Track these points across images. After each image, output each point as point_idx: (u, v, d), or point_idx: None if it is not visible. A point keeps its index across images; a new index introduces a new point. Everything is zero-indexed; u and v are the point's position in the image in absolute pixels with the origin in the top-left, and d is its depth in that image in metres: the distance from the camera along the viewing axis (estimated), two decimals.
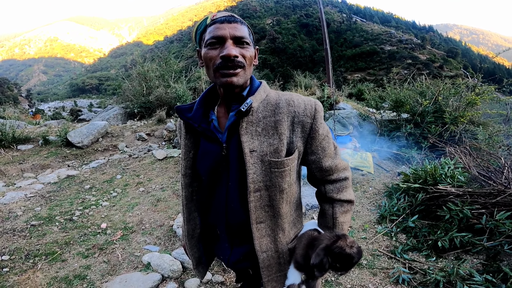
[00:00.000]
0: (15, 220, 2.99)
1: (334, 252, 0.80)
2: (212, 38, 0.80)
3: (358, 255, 0.81)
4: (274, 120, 0.84)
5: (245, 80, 0.84)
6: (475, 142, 4.27)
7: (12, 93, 56.37)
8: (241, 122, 0.83)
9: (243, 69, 0.81)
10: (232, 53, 0.77)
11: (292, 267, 0.95)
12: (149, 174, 4.40)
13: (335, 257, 0.80)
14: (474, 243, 2.20)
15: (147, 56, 11.83)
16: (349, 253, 0.79)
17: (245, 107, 0.81)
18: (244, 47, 0.81)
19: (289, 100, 0.86)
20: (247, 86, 0.88)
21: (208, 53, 0.81)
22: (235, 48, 0.79)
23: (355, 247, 0.81)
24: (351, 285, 2.00)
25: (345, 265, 0.80)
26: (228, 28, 0.79)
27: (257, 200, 0.86)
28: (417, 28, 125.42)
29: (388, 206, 2.92)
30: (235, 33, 0.79)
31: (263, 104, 0.86)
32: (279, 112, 0.84)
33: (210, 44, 0.80)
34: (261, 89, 0.88)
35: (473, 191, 2.57)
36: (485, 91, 4.80)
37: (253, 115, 0.84)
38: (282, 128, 0.83)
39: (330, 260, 0.80)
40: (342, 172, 0.96)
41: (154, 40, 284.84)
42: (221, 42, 0.79)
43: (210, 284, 2.08)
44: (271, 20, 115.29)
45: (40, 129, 6.82)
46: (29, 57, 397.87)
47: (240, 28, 0.80)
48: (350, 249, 0.80)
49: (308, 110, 0.85)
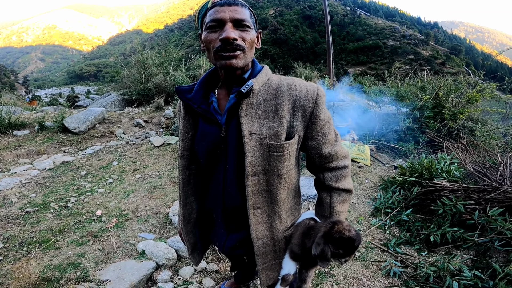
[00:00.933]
0: (10, 207, 2.98)
1: (334, 238, 0.79)
2: (211, 21, 0.79)
3: (358, 238, 0.80)
4: (275, 103, 0.83)
5: (245, 62, 0.82)
6: (472, 138, 4.28)
7: (8, 80, 55.77)
8: (241, 104, 0.82)
9: (243, 52, 0.80)
10: (231, 35, 0.76)
11: (287, 257, 0.95)
12: (146, 161, 4.39)
13: (336, 243, 0.79)
14: (465, 239, 2.21)
15: (147, 44, 11.70)
16: (350, 236, 0.78)
17: (245, 88, 0.80)
18: (244, 30, 0.80)
19: (291, 84, 0.85)
20: (249, 69, 0.87)
21: (208, 36, 0.80)
22: (234, 31, 0.78)
23: (353, 229, 0.80)
24: (344, 276, 2.02)
25: (348, 250, 0.79)
26: (228, 11, 0.78)
27: (254, 185, 0.85)
28: (422, 24, 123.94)
29: (383, 199, 2.93)
30: (235, 15, 0.78)
31: (264, 87, 0.85)
32: (280, 96, 0.83)
33: (210, 27, 0.79)
34: (263, 72, 0.87)
35: (467, 187, 2.58)
36: (485, 89, 4.78)
37: (254, 97, 0.83)
38: (283, 111, 0.82)
39: (331, 247, 0.79)
40: (342, 160, 0.95)
41: (154, 28, 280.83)
42: (221, 25, 0.78)
43: (204, 273, 2.09)
44: (273, 11, 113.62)
45: (36, 115, 6.75)
46: (27, 45, 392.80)
47: (240, 11, 0.79)
48: (349, 232, 0.79)
49: (310, 94, 0.84)
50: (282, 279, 0.95)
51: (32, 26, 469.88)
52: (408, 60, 60.91)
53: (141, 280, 1.94)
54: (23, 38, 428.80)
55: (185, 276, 2.03)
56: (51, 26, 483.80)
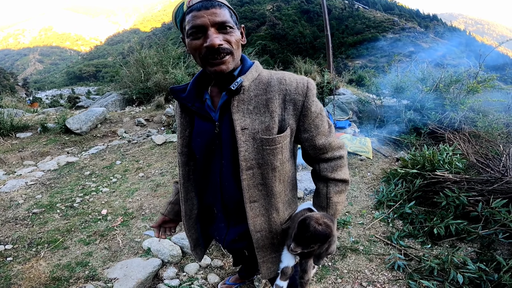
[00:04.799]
0: (17, 209, 3.02)
1: (304, 223, 0.80)
2: (192, 28, 0.77)
3: (322, 233, 0.79)
4: (266, 98, 0.84)
5: (235, 64, 0.83)
6: (474, 129, 4.27)
7: (8, 83, 55.77)
8: (233, 101, 0.83)
9: (231, 55, 0.80)
10: (216, 42, 0.75)
11: (285, 250, 0.96)
12: (149, 160, 4.41)
13: (302, 229, 0.80)
14: (469, 231, 2.21)
15: (145, 43, 11.66)
16: (310, 225, 0.79)
17: (235, 85, 0.81)
18: (227, 32, 0.79)
19: (280, 79, 0.85)
20: (239, 66, 0.87)
21: (191, 44, 0.79)
22: (218, 35, 0.76)
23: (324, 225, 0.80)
24: (347, 270, 2.04)
25: (308, 240, 0.80)
26: (207, 15, 0.75)
27: (249, 178, 0.87)
28: (420, 16, 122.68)
29: (386, 191, 2.94)
30: (215, 19, 0.76)
31: (255, 83, 0.86)
32: (271, 91, 0.84)
33: (191, 34, 0.78)
34: (253, 68, 0.87)
35: (470, 178, 2.58)
36: (486, 79, 4.76)
37: (245, 93, 0.84)
38: (273, 105, 0.83)
39: (296, 231, 0.82)
40: (336, 151, 0.96)
41: (151, 26, 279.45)
42: (202, 31, 0.77)
43: (209, 268, 2.12)
44: (271, 6, 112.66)
45: (38, 117, 6.77)
46: (24, 47, 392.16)
47: (219, 13, 0.77)
48: (317, 225, 0.79)
49: (300, 88, 0.85)
50: (282, 272, 0.96)
51: (28, 28, 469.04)
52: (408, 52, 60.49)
53: (148, 277, 1.96)
54: (20, 40, 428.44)
55: (191, 273, 2.06)
56: (48, 28, 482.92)
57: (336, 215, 0.99)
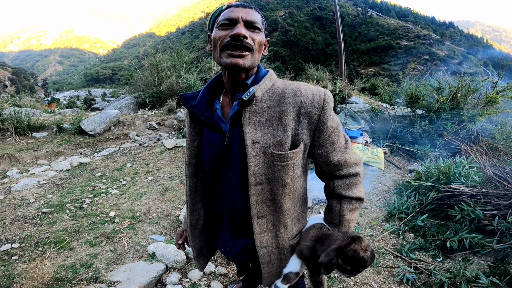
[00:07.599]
0: (27, 207, 3.08)
1: (347, 254, 0.77)
2: (224, 20, 0.79)
3: (371, 259, 0.78)
4: (279, 110, 0.80)
5: (252, 64, 0.80)
6: (492, 141, 4.11)
7: (28, 83, 58.00)
8: (244, 112, 0.80)
9: (251, 53, 0.79)
10: (242, 32, 0.76)
11: (294, 256, 0.93)
12: (158, 163, 4.45)
13: (347, 259, 0.78)
14: (483, 245, 2.13)
15: (159, 47, 11.87)
16: (363, 257, 0.77)
17: (247, 96, 0.78)
18: (255, 32, 0.80)
19: (295, 90, 0.81)
20: (253, 74, 0.85)
21: (217, 33, 0.80)
22: (246, 30, 0.78)
23: (369, 251, 0.78)
24: (354, 282, 1.98)
25: (356, 268, 0.78)
26: (242, 12, 0.78)
27: (258, 194, 0.83)
28: (436, 23, 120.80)
29: (398, 203, 2.85)
30: (247, 17, 0.78)
31: (268, 93, 0.82)
32: (285, 102, 0.80)
33: (222, 25, 0.80)
34: (266, 78, 0.84)
35: (487, 192, 2.48)
36: (505, 89, 4.59)
37: (257, 104, 0.80)
38: (287, 119, 0.79)
39: (341, 262, 0.78)
40: (352, 168, 0.91)
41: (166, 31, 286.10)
42: (233, 23, 0.78)
43: (213, 276, 2.09)
44: (283, 13, 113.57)
45: (54, 117, 6.98)
46: (45, 48, 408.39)
47: (253, 13, 0.79)
48: (364, 253, 0.77)
49: (316, 100, 0.80)
50: (284, 276, 0.93)
51: (50, 30, 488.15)
52: (423, 60, 59.49)
53: (151, 282, 1.95)
54: (42, 42, 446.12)
55: (194, 279, 2.04)
56: (68, 30, 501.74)
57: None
